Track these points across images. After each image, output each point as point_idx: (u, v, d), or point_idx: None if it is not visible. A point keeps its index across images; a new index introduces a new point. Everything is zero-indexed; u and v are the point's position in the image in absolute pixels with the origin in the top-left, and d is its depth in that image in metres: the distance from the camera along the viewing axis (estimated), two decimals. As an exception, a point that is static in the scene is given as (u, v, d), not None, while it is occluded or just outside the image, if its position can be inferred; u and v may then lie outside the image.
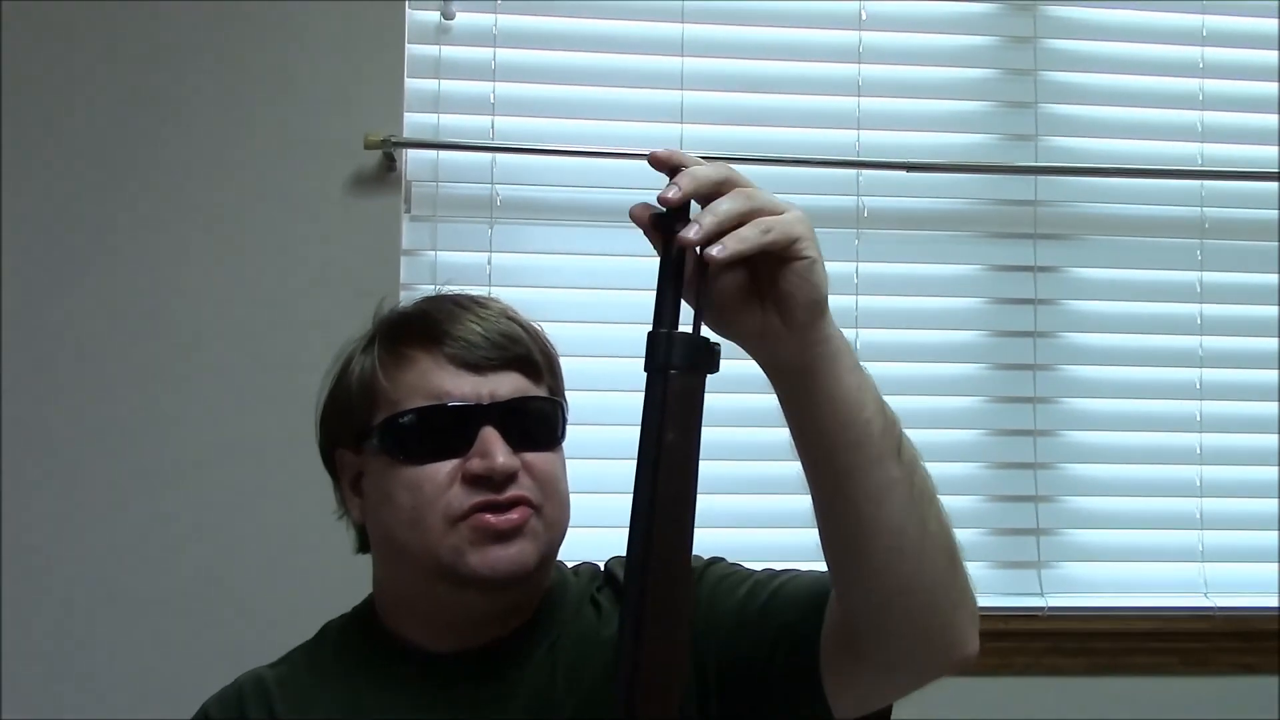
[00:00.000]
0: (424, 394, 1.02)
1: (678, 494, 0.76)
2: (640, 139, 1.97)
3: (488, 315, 1.06)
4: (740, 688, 1.00)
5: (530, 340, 1.06)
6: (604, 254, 1.98)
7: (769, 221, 0.78)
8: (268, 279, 1.91)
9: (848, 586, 0.91)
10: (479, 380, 1.02)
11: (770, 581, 1.04)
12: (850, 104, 2.05)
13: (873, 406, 0.85)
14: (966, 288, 2.09)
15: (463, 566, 0.99)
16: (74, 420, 1.86)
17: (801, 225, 0.80)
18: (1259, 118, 2.12)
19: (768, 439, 1.89)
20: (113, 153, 1.89)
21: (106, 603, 1.85)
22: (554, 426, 1.06)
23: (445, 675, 1.04)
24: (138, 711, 1.79)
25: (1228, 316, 2.10)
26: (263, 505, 1.88)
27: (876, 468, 0.85)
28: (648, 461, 0.76)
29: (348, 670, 1.07)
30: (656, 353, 0.77)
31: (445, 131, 1.97)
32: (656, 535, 0.76)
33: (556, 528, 1.04)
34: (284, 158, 1.92)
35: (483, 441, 1.00)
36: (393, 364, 1.04)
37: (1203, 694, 2.02)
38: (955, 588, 0.90)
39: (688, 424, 0.77)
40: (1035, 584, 2.04)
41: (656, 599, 0.76)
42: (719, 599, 1.04)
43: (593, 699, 1.02)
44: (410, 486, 1.00)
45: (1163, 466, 2.09)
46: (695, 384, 0.77)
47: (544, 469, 1.03)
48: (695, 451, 0.77)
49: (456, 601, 1.02)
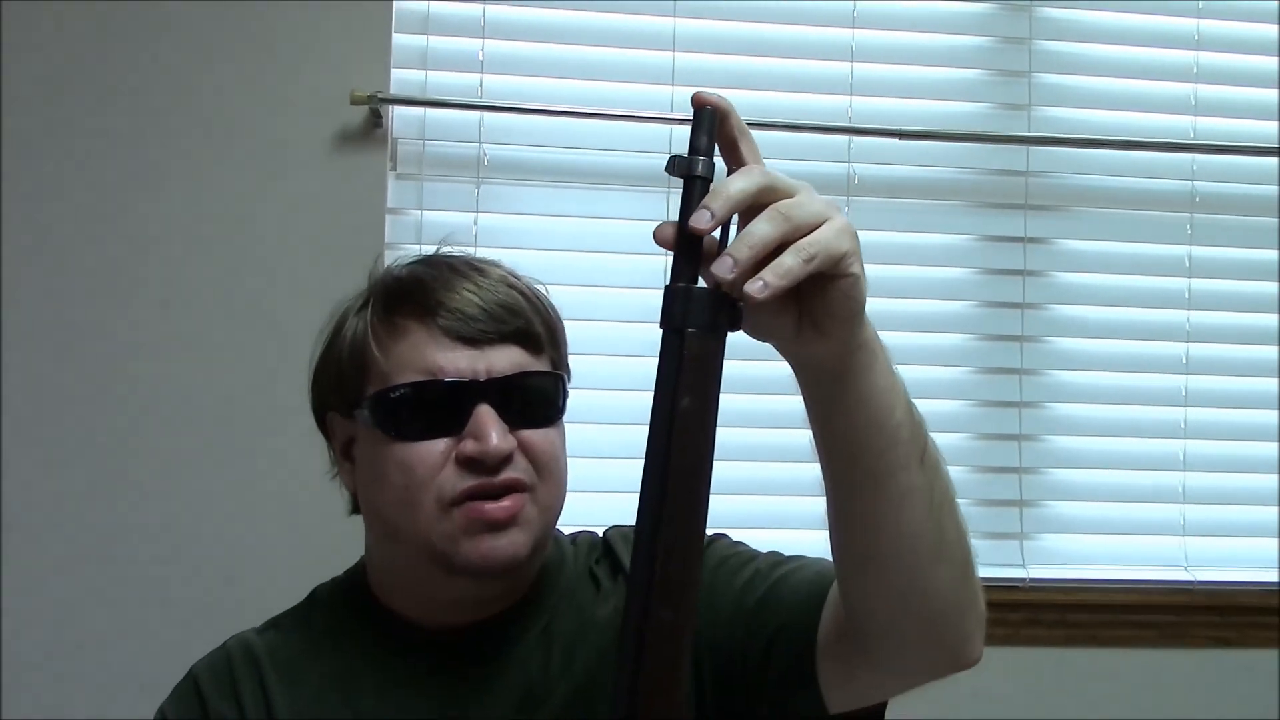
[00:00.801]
0: (416, 368, 0.97)
1: (692, 465, 0.72)
2: (631, 100, 1.95)
3: (486, 284, 1.01)
4: (734, 680, 0.99)
5: (531, 310, 1.02)
6: (592, 216, 1.96)
7: (811, 246, 0.72)
8: (249, 237, 1.87)
9: (857, 589, 0.89)
10: (475, 354, 0.97)
11: (771, 571, 1.01)
12: (843, 69, 2.02)
13: (902, 409, 0.82)
14: (956, 258, 2.07)
15: (455, 555, 0.96)
16: (54, 385, 1.82)
17: (845, 239, 0.74)
18: (1253, 92, 2.11)
19: (775, 407, 1.88)
20: (93, 107, 1.84)
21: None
22: (554, 402, 1.02)
23: (438, 652, 1.02)
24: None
25: (1216, 291, 2.10)
26: (246, 470, 1.85)
27: (901, 473, 0.82)
28: (661, 429, 0.72)
29: (338, 643, 1.04)
30: (673, 310, 0.72)
31: (433, 89, 1.93)
32: (668, 510, 0.71)
33: (551, 510, 1.01)
34: (268, 113, 1.87)
35: (477, 421, 0.96)
36: (385, 333, 1.00)
37: (1180, 667, 2.03)
38: (966, 595, 0.88)
39: (705, 390, 0.72)
40: (1017, 555, 2.04)
41: (665, 580, 0.71)
42: (719, 584, 1.01)
43: (586, 682, 0.99)
44: (402, 466, 0.96)
45: (1147, 440, 2.09)
46: (714, 346, 0.72)
47: (541, 448, 0.99)
48: (713, 419, 0.72)
49: (446, 584, 0.99)
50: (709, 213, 0.71)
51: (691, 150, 0.74)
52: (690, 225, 0.71)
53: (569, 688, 1.00)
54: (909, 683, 0.94)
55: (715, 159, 0.75)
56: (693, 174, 0.73)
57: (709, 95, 0.75)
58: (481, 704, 1.00)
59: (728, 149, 0.77)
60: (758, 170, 0.74)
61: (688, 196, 0.73)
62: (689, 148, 0.74)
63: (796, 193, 0.74)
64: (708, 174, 0.74)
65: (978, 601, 0.90)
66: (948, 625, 0.88)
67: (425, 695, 1.00)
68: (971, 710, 1.95)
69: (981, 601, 0.91)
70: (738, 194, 0.72)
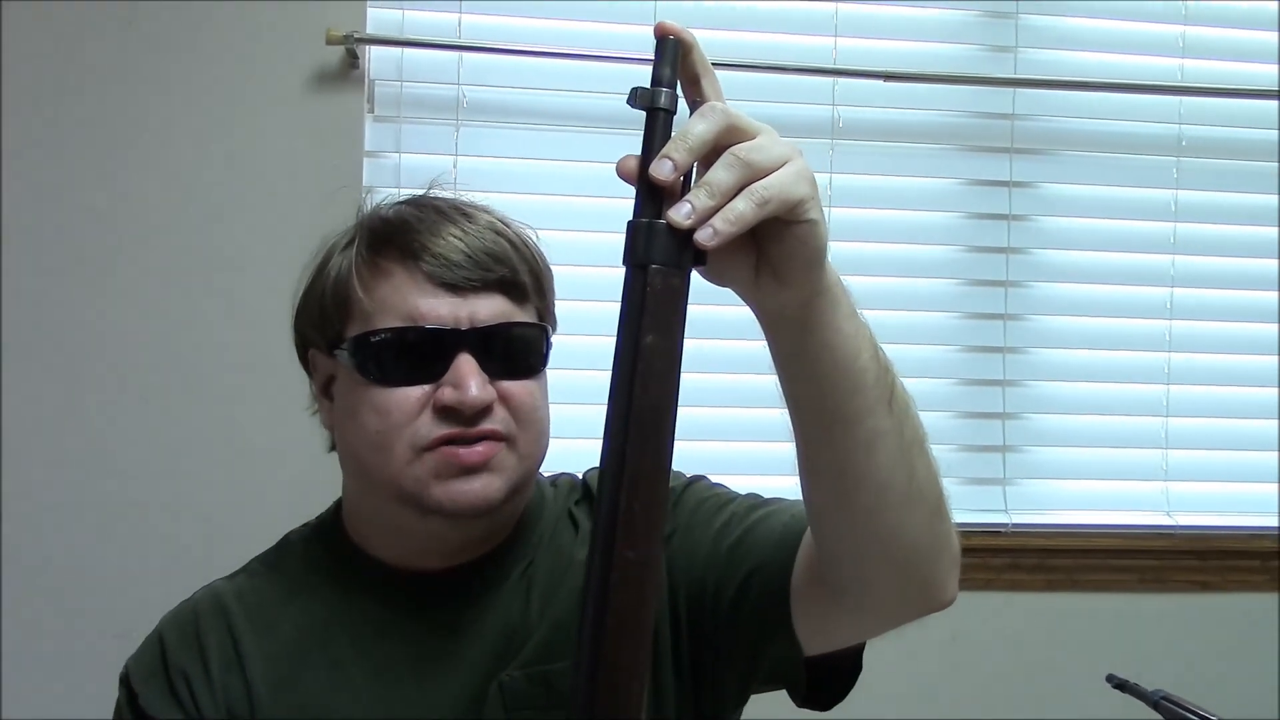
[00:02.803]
0: (398, 313, 0.96)
1: (656, 403, 0.70)
2: (612, 41, 1.92)
3: (473, 229, 0.99)
4: (708, 622, 0.99)
5: (518, 259, 1.00)
6: (572, 159, 1.93)
7: (766, 190, 0.70)
8: (225, 179, 1.84)
9: (829, 533, 0.88)
10: (457, 302, 0.96)
11: (747, 514, 1.01)
12: (828, 10, 1.99)
13: (868, 354, 0.81)
14: (941, 202, 2.05)
15: (426, 498, 0.95)
16: (31, 330, 1.81)
17: (803, 184, 0.72)
18: (1242, 34, 2.09)
19: (746, 351, 1.86)
20: (68, 47, 1.81)
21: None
22: (536, 353, 1.01)
23: (416, 596, 1.01)
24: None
25: (1202, 236, 2.09)
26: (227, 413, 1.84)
27: (868, 417, 0.81)
28: (625, 366, 0.71)
29: (313, 585, 1.04)
30: (636, 245, 0.71)
31: (410, 28, 1.90)
32: (632, 447, 0.70)
33: (531, 458, 1.00)
34: (241, 54, 1.84)
35: (456, 370, 0.95)
36: (369, 274, 0.98)
37: (1159, 611, 2.04)
38: (939, 536, 0.88)
39: (669, 326, 0.70)
40: (1000, 500, 2.04)
41: (630, 518, 0.70)
42: (697, 525, 1.01)
43: (565, 620, 0.99)
44: (378, 409, 0.95)
45: (1131, 386, 2.09)
46: (678, 282, 0.71)
47: (521, 399, 0.98)
48: (677, 356, 0.71)
49: (421, 528, 0.98)
50: (670, 163, 0.70)
51: (654, 82, 0.73)
52: (652, 174, 0.70)
53: (548, 628, 1.00)
54: (884, 625, 0.94)
55: (678, 92, 0.73)
56: (655, 106, 0.72)
57: (672, 26, 0.73)
58: (461, 647, 0.99)
59: (690, 84, 0.76)
60: (719, 109, 0.73)
61: (650, 129, 0.72)
62: (651, 79, 0.73)
63: (758, 134, 0.73)
64: (670, 106, 0.72)
65: (951, 543, 0.89)
66: (921, 567, 0.88)
67: (403, 640, 1.00)
68: (952, 654, 1.96)
69: (956, 543, 0.90)
70: (698, 140, 0.71)
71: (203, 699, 0.99)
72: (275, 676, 0.99)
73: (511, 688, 0.97)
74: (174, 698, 0.99)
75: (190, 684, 0.99)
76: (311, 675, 0.99)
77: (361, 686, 0.98)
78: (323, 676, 0.99)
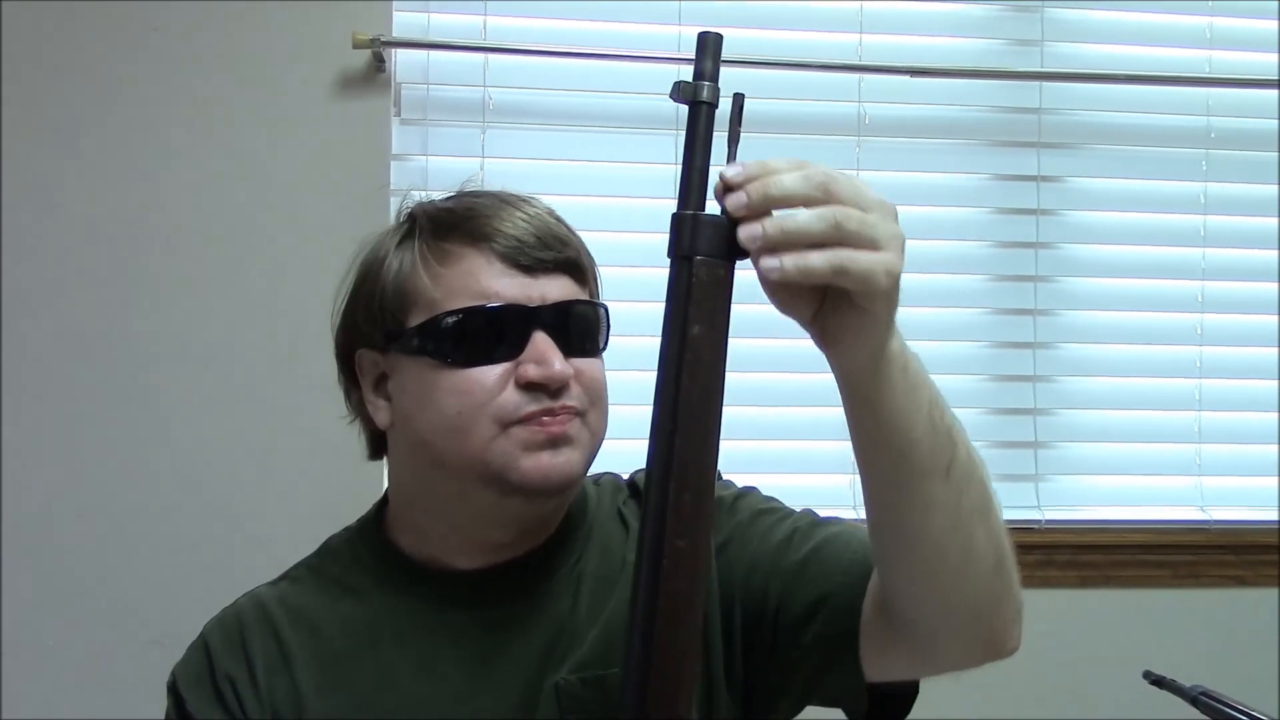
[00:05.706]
0: (470, 294, 0.96)
1: (704, 393, 0.71)
2: (638, 41, 1.92)
3: (534, 213, 1.00)
4: (765, 632, 0.98)
5: (577, 241, 1.02)
6: (598, 160, 1.93)
7: (849, 262, 0.70)
8: (252, 183, 1.85)
9: (889, 583, 0.89)
10: (529, 282, 0.97)
11: (812, 530, 1.00)
12: (852, 6, 1.99)
13: (922, 427, 0.80)
14: (968, 197, 2.05)
15: (513, 473, 0.94)
16: (60, 333, 1.81)
17: (885, 279, 0.71)
18: (1270, 25, 2.07)
19: (794, 350, 1.86)
20: (95, 53, 1.82)
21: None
22: (600, 332, 1.02)
23: (463, 593, 1.01)
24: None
25: (1232, 228, 2.07)
26: (257, 422, 1.84)
27: (921, 483, 0.81)
28: (672, 357, 0.71)
29: (357, 587, 1.03)
30: (681, 237, 0.71)
31: (435, 31, 1.90)
32: (680, 438, 0.70)
33: (598, 437, 1.00)
34: (268, 57, 1.85)
35: (536, 346, 0.95)
36: (436, 260, 0.98)
37: (1192, 607, 2.02)
38: (999, 593, 0.87)
39: (715, 316, 0.71)
40: (1032, 497, 2.03)
41: (679, 507, 0.71)
42: (755, 533, 1.01)
43: (617, 628, 0.98)
44: (457, 390, 0.95)
45: (1162, 380, 2.07)
46: (723, 273, 0.71)
47: (592, 376, 0.98)
48: (723, 346, 0.71)
49: (494, 510, 0.98)
50: (743, 198, 0.70)
51: (696, 76, 0.73)
52: (723, 175, 0.71)
53: (601, 629, 0.99)
54: (943, 670, 0.93)
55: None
56: (698, 99, 0.72)
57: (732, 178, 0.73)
58: (509, 644, 0.99)
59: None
60: (825, 175, 0.72)
61: (693, 123, 0.72)
62: (694, 73, 0.73)
63: (869, 210, 0.72)
64: (712, 99, 0.73)
65: (1013, 595, 0.88)
66: (980, 622, 0.87)
67: (450, 638, 0.99)
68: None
69: (1018, 594, 0.89)
70: (780, 192, 0.71)
71: (249, 703, 0.98)
72: (322, 678, 0.99)
73: (567, 691, 0.97)
74: (220, 702, 0.99)
75: (236, 688, 0.99)
76: (359, 676, 0.99)
77: (409, 686, 0.98)
78: (370, 677, 0.99)
